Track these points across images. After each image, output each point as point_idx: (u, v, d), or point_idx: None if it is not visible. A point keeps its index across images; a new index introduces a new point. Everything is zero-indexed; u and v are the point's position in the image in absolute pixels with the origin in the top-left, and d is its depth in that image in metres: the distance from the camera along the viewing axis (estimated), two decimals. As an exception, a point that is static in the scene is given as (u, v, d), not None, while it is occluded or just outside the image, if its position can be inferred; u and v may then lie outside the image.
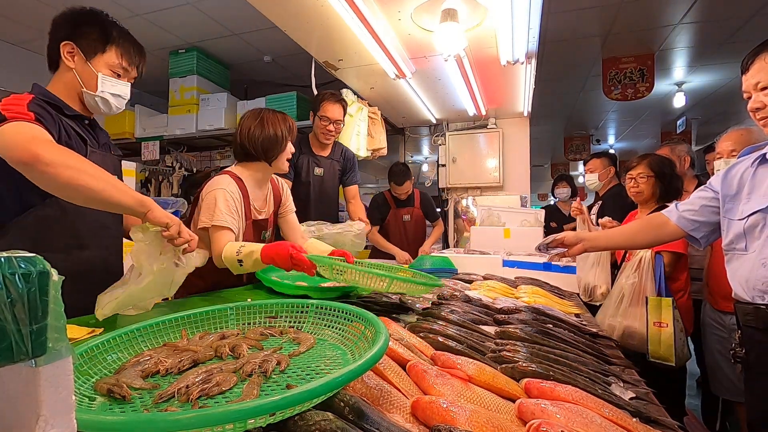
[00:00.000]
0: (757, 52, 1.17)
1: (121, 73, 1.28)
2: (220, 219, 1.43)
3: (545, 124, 6.92)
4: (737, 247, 1.24)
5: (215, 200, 1.45)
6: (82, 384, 0.62)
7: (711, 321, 2.05)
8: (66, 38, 1.20)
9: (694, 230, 1.39)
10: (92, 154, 1.25)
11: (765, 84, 1.13)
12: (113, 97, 1.28)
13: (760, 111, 1.15)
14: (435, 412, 0.61)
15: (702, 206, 1.37)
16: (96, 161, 1.22)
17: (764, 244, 1.15)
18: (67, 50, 1.21)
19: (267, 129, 1.56)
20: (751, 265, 1.19)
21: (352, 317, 0.83)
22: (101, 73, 1.23)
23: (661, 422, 0.74)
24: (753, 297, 1.19)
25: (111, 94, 1.26)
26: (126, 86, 1.30)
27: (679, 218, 1.41)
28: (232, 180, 1.53)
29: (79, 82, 1.23)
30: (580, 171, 10.80)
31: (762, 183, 1.19)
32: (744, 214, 1.21)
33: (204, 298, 1.43)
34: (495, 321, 1.25)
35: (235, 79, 4.61)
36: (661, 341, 1.81)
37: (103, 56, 1.23)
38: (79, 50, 1.21)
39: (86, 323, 1.02)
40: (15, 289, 0.28)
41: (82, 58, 1.21)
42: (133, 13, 3.40)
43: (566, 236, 1.61)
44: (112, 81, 1.26)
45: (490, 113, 3.89)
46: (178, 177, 4.67)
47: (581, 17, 3.51)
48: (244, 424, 0.46)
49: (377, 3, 1.96)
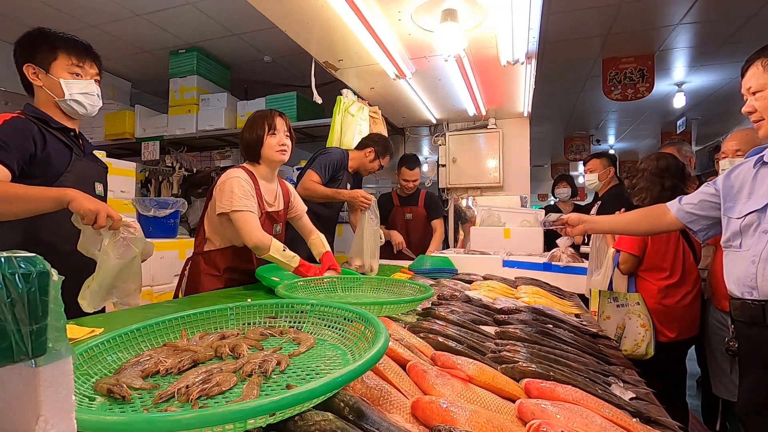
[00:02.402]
0: (754, 58, 1.23)
1: (79, 71, 1.37)
2: (240, 203, 1.56)
3: (545, 124, 6.92)
4: (733, 244, 1.29)
5: (231, 187, 1.58)
6: (82, 384, 0.62)
7: (714, 321, 2.05)
8: (25, 62, 1.33)
9: (691, 222, 1.44)
10: (77, 161, 1.37)
11: (756, 89, 1.20)
12: (83, 97, 1.37)
13: (751, 114, 1.23)
14: (435, 412, 0.61)
15: (701, 201, 1.42)
16: (82, 167, 1.39)
17: (756, 242, 1.21)
18: (31, 72, 1.33)
19: (247, 132, 1.73)
20: (742, 262, 1.25)
21: (352, 317, 0.83)
22: (62, 79, 1.34)
23: (661, 422, 0.74)
24: (743, 293, 1.25)
25: (80, 94, 1.36)
26: (90, 83, 1.39)
27: (679, 210, 1.47)
28: (243, 171, 1.68)
29: (51, 95, 1.35)
30: (580, 171, 10.80)
31: (762, 184, 1.23)
32: (742, 213, 1.26)
33: (204, 298, 1.43)
34: (495, 321, 1.25)
35: (235, 79, 4.61)
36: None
37: (57, 62, 1.34)
38: (39, 67, 1.33)
39: (86, 323, 1.02)
40: (15, 289, 0.28)
41: (42, 72, 1.33)
42: (133, 13, 3.40)
43: (570, 217, 1.67)
44: (74, 82, 1.35)
45: (490, 113, 3.89)
46: (178, 177, 4.66)
47: (581, 17, 3.51)
48: (244, 424, 0.45)
49: (377, 3, 1.96)
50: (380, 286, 1.42)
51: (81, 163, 1.39)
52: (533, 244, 2.75)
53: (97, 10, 3.33)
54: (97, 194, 1.41)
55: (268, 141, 1.70)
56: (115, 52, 4.03)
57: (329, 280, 1.45)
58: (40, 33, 1.35)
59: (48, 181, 1.26)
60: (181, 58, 4.14)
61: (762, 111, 1.19)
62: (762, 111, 1.19)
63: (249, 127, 1.74)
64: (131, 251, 1.20)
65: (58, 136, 1.34)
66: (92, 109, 1.41)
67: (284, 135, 1.74)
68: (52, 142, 1.31)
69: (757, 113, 1.21)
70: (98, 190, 1.45)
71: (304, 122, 3.87)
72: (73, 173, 1.34)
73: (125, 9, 3.32)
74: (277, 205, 1.81)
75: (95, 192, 1.42)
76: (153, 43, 3.93)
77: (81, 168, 1.38)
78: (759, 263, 1.19)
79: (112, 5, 3.25)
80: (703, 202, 1.41)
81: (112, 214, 1.16)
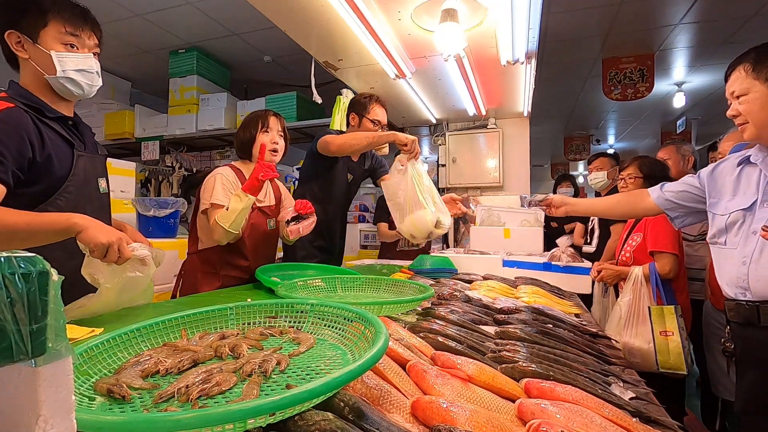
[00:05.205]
0: (736, 63, 1.26)
1: (74, 42, 1.15)
2: (217, 198, 1.59)
3: (545, 124, 6.92)
4: (719, 241, 1.32)
5: (213, 184, 1.62)
6: (82, 384, 0.62)
7: (712, 321, 2.05)
8: (8, 27, 1.11)
9: (669, 209, 1.48)
10: (79, 157, 1.21)
11: (739, 93, 1.23)
12: (79, 74, 1.16)
13: (736, 118, 1.26)
14: (435, 412, 0.61)
15: (682, 190, 1.46)
16: (85, 164, 1.23)
17: (745, 242, 1.23)
18: (14, 40, 1.12)
19: (242, 131, 1.76)
20: (734, 262, 1.26)
21: (352, 317, 0.83)
22: (53, 51, 1.11)
23: (661, 422, 0.74)
24: (736, 294, 1.26)
25: (74, 71, 1.15)
26: (88, 57, 1.17)
27: (659, 197, 1.50)
28: (229, 169, 1.71)
29: (40, 70, 1.13)
30: (579, 171, 10.81)
31: (747, 183, 1.27)
32: (727, 210, 1.29)
33: (204, 298, 1.43)
34: (495, 321, 1.25)
35: (235, 79, 4.61)
36: (669, 350, 1.79)
37: (47, 30, 1.11)
38: (25, 35, 1.11)
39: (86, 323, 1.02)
40: (15, 289, 0.28)
41: (29, 41, 1.11)
42: (133, 13, 3.40)
43: (553, 198, 1.69)
44: (68, 56, 1.13)
45: (490, 113, 3.89)
46: (178, 177, 4.67)
47: (581, 17, 3.51)
48: (244, 424, 0.45)
49: (377, 3, 1.96)
50: (380, 286, 1.42)
51: (83, 159, 1.22)
52: (533, 244, 2.75)
53: (97, 10, 3.30)
54: (101, 192, 1.31)
55: (260, 138, 1.71)
56: (115, 52, 4.04)
57: (329, 279, 1.44)
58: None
59: (51, 189, 1.13)
60: (181, 58, 4.14)
61: (746, 114, 1.22)
62: (746, 114, 1.22)
63: (244, 125, 1.77)
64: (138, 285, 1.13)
65: (56, 129, 1.16)
66: (90, 89, 1.20)
67: (277, 134, 1.75)
68: (51, 139, 1.14)
69: (741, 116, 1.24)
70: (102, 187, 1.31)
71: (304, 122, 3.87)
72: (77, 175, 1.19)
73: (125, 9, 3.32)
74: (268, 201, 1.82)
75: (99, 190, 1.29)
76: (153, 43, 3.93)
77: (84, 165, 1.22)
78: (750, 264, 1.21)
79: (112, 5, 3.25)
80: (685, 193, 1.45)
81: (123, 250, 1.04)
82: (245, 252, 1.71)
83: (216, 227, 1.54)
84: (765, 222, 1.18)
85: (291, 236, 1.68)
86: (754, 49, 1.22)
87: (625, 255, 2.18)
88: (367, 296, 1.39)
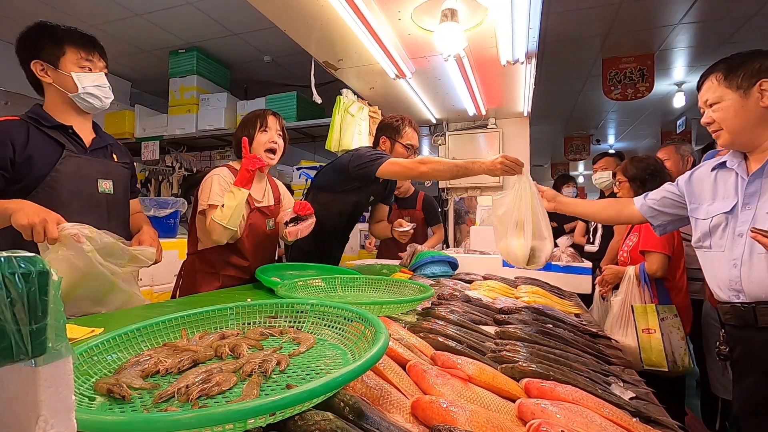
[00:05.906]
0: (708, 73, 1.28)
1: (89, 65, 1.35)
2: (214, 199, 1.59)
3: (545, 124, 6.92)
4: (704, 244, 1.35)
5: (210, 184, 1.62)
6: (82, 384, 0.62)
7: (711, 320, 2.05)
8: (32, 58, 1.29)
9: (652, 217, 1.52)
10: (71, 159, 1.31)
11: (712, 101, 1.26)
12: (96, 89, 1.35)
13: (710, 125, 1.28)
14: (435, 412, 0.61)
15: (663, 197, 1.49)
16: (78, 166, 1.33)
17: (732, 245, 1.25)
18: (39, 68, 1.30)
19: (240, 130, 1.76)
20: (723, 265, 1.27)
21: (352, 317, 0.83)
22: (73, 73, 1.31)
23: (661, 422, 0.74)
24: (729, 296, 1.27)
25: (92, 86, 1.34)
26: (101, 76, 1.37)
27: (642, 205, 1.53)
28: (226, 169, 1.71)
29: (63, 91, 1.32)
30: (579, 171, 10.80)
31: (724, 187, 1.31)
32: (709, 214, 1.32)
33: (204, 298, 1.43)
34: (495, 321, 1.25)
35: (235, 79, 4.61)
36: (651, 347, 1.85)
37: (66, 57, 1.31)
38: (47, 63, 1.30)
39: (86, 323, 1.02)
40: (15, 289, 0.28)
41: (51, 68, 1.30)
42: (133, 13, 3.40)
43: (546, 192, 1.69)
44: (85, 75, 1.33)
45: (490, 113, 3.88)
46: (178, 177, 4.67)
47: (581, 17, 3.51)
48: (244, 424, 0.45)
49: (377, 3, 1.96)
50: (380, 285, 1.42)
51: (77, 160, 1.32)
52: (533, 244, 2.74)
53: (97, 10, 3.33)
54: (100, 191, 1.37)
55: (258, 137, 1.71)
56: (114, 52, 4.03)
57: (329, 279, 1.44)
58: (43, 27, 1.31)
59: (32, 184, 1.23)
60: (181, 58, 4.14)
61: (720, 121, 1.25)
62: (720, 121, 1.25)
63: (242, 125, 1.76)
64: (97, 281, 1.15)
65: (49, 134, 1.29)
66: (106, 101, 1.39)
67: (276, 133, 1.74)
68: (37, 142, 1.26)
69: (715, 124, 1.27)
70: (103, 187, 1.38)
71: (304, 122, 3.87)
72: (63, 173, 1.28)
73: (125, 9, 3.32)
74: (267, 201, 1.82)
75: (98, 189, 1.37)
76: (153, 43, 3.93)
77: (76, 165, 1.32)
78: (741, 267, 1.22)
79: (112, 5, 3.25)
80: (665, 199, 1.48)
81: (48, 230, 1.06)
82: (245, 252, 1.71)
83: (214, 226, 1.54)
84: (749, 224, 1.19)
85: (290, 237, 1.68)
86: (723, 60, 1.26)
87: (623, 255, 2.19)
88: (367, 296, 1.39)
